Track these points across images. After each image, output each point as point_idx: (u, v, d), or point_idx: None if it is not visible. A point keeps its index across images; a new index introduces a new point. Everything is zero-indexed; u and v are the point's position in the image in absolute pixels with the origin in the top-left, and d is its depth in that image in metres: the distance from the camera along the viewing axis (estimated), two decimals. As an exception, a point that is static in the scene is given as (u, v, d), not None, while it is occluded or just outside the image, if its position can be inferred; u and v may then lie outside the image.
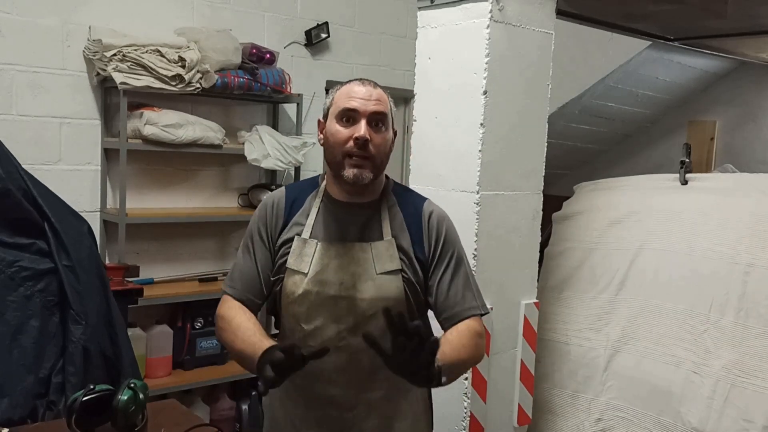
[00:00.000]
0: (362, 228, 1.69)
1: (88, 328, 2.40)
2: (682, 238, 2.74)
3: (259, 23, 3.85)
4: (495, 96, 2.41)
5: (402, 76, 4.39)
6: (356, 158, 1.61)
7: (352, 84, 1.69)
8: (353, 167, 1.62)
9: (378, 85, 1.71)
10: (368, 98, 1.65)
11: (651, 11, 3.03)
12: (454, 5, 2.46)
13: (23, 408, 2.27)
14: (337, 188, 1.71)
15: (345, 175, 1.62)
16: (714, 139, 4.42)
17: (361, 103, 1.63)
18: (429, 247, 1.70)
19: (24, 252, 2.37)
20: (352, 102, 1.64)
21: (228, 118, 3.77)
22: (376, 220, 1.70)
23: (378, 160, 1.64)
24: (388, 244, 1.67)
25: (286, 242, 1.70)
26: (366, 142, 1.61)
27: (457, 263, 1.72)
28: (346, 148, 1.62)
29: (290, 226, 1.71)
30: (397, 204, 1.73)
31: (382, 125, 1.66)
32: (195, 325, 3.57)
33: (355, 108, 1.63)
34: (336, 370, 1.66)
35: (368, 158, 1.62)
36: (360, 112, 1.63)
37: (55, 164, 3.29)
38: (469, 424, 2.45)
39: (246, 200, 3.85)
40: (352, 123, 1.63)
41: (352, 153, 1.61)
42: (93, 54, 3.22)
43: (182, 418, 1.98)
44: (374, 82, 1.71)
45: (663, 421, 2.64)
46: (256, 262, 1.72)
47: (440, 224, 1.73)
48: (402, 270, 1.66)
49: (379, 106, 1.65)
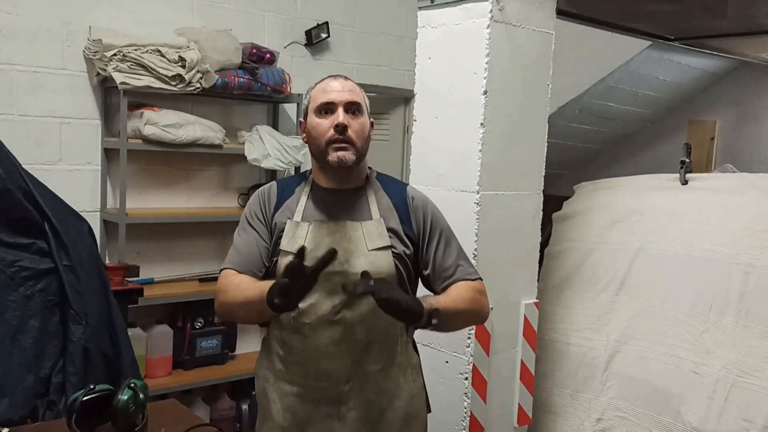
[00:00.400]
0: (351, 209, 1.79)
1: (88, 327, 2.40)
2: (682, 238, 2.74)
3: (259, 23, 3.85)
4: (495, 96, 2.41)
5: (402, 76, 4.39)
6: (338, 143, 1.73)
7: (326, 81, 1.81)
8: (336, 151, 1.73)
9: (348, 78, 1.82)
10: (342, 89, 1.77)
11: (651, 11, 3.03)
12: (454, 5, 2.46)
13: (23, 408, 2.27)
14: (323, 177, 1.82)
15: (330, 159, 1.73)
16: (714, 139, 4.42)
17: (336, 94, 1.76)
18: (417, 226, 1.81)
19: (24, 252, 2.37)
20: (329, 95, 1.76)
21: (228, 118, 3.77)
22: (364, 203, 1.81)
23: (359, 144, 1.75)
24: (377, 222, 1.77)
25: (278, 226, 1.79)
26: (345, 128, 1.72)
27: (447, 237, 1.84)
28: (328, 137, 1.74)
29: (282, 209, 1.81)
30: (382, 189, 1.85)
31: (358, 112, 1.77)
32: (195, 325, 3.57)
33: (331, 100, 1.75)
34: (332, 344, 1.71)
35: (349, 142, 1.73)
36: (336, 102, 1.75)
37: (56, 164, 3.29)
38: (469, 424, 2.45)
39: (246, 200, 3.84)
40: (330, 113, 1.75)
41: (334, 140, 1.73)
42: (93, 54, 3.22)
43: (182, 417, 1.98)
44: (344, 76, 1.82)
45: (663, 421, 2.64)
46: (255, 239, 1.80)
47: (425, 205, 1.85)
48: (392, 246, 1.75)
49: (353, 96, 1.77)
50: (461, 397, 2.45)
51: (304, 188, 1.84)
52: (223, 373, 3.64)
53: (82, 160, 3.37)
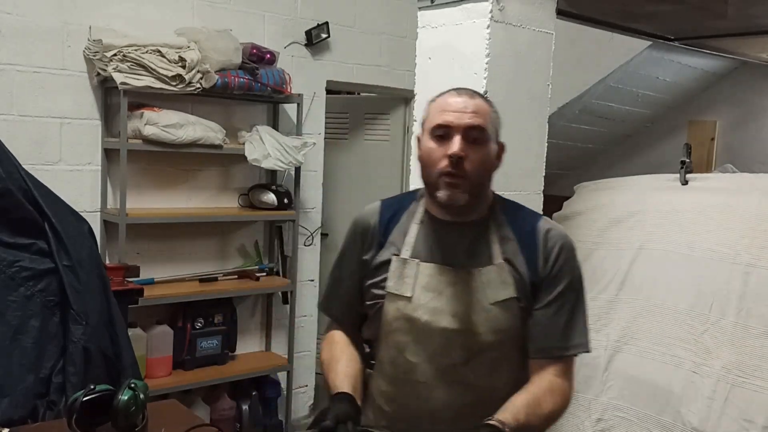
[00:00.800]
0: (469, 250, 1.54)
1: (88, 328, 2.40)
2: (682, 238, 2.74)
3: (259, 23, 3.85)
4: (495, 96, 2.40)
5: (402, 76, 4.39)
6: (450, 178, 1.46)
7: (447, 95, 1.52)
8: (447, 188, 1.47)
9: (477, 94, 1.54)
10: (463, 110, 1.48)
11: (651, 11, 3.03)
12: (454, 5, 2.46)
13: (23, 408, 2.27)
14: (436, 207, 1.56)
15: (438, 195, 1.48)
16: (714, 139, 4.42)
17: (455, 116, 1.47)
18: (543, 270, 1.52)
19: (24, 252, 2.37)
20: (445, 116, 1.48)
21: (228, 118, 3.77)
22: (484, 242, 1.54)
23: (475, 179, 1.48)
24: (498, 269, 1.51)
25: (382, 264, 1.57)
26: (460, 160, 1.45)
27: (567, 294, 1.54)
28: (439, 168, 1.47)
29: (387, 245, 1.58)
30: (507, 223, 1.56)
31: (481, 140, 1.49)
32: (195, 325, 3.57)
33: (448, 123, 1.47)
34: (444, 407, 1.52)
35: (463, 177, 1.46)
36: (453, 127, 1.46)
37: (56, 164, 3.29)
38: (469, 424, 2.45)
39: (246, 200, 3.85)
40: (446, 139, 1.47)
41: (446, 172, 1.46)
42: (93, 54, 3.22)
43: (182, 418, 1.98)
44: (472, 91, 1.54)
45: (663, 421, 2.64)
46: (351, 283, 1.63)
47: (559, 245, 1.54)
48: (517, 298, 1.51)
49: (475, 118, 1.48)
50: (461, 397, 2.45)
51: (414, 214, 1.59)
52: (224, 373, 3.64)
53: (82, 161, 3.37)
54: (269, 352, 4.06)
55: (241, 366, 3.76)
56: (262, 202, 3.77)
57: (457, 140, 1.45)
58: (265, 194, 3.77)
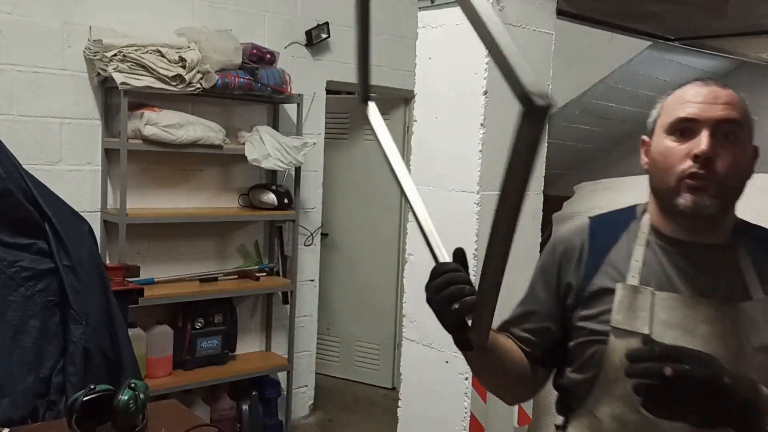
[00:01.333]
0: (718, 279, 1.24)
1: (88, 328, 2.40)
2: (683, 238, 2.74)
3: (259, 23, 3.86)
4: (495, 96, 2.41)
5: (402, 76, 4.40)
6: (696, 180, 1.19)
7: (689, 86, 1.26)
8: (691, 192, 1.19)
9: (727, 85, 1.27)
10: (713, 101, 1.22)
11: (651, 11, 3.03)
12: (454, 5, 2.46)
13: (23, 408, 2.27)
14: (667, 222, 1.29)
15: (680, 203, 1.21)
16: (714, 139, 4.42)
17: (702, 108, 1.21)
18: None
19: (24, 252, 2.37)
20: (689, 108, 1.22)
21: (228, 118, 3.77)
22: (735, 270, 1.25)
23: (727, 185, 1.21)
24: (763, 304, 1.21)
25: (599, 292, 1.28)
26: (709, 160, 1.18)
27: None
28: (681, 169, 1.20)
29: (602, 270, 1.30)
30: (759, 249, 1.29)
31: (736, 138, 1.22)
32: (195, 325, 3.57)
33: (693, 116, 1.21)
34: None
35: (713, 181, 1.19)
36: (701, 120, 1.21)
37: (56, 164, 3.30)
38: (469, 424, 2.45)
39: (246, 200, 3.85)
40: (689, 136, 1.22)
41: (689, 174, 1.19)
42: (93, 54, 3.22)
43: (182, 418, 1.98)
44: (721, 83, 1.27)
45: (663, 421, 2.63)
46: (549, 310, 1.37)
47: None
48: None
49: (729, 111, 1.22)
50: (461, 397, 2.45)
51: (635, 235, 1.32)
52: (224, 373, 3.64)
53: (82, 161, 3.37)
54: (269, 352, 4.07)
55: (241, 366, 3.77)
56: (262, 202, 3.77)
57: (704, 136, 1.19)
58: (265, 194, 3.78)
